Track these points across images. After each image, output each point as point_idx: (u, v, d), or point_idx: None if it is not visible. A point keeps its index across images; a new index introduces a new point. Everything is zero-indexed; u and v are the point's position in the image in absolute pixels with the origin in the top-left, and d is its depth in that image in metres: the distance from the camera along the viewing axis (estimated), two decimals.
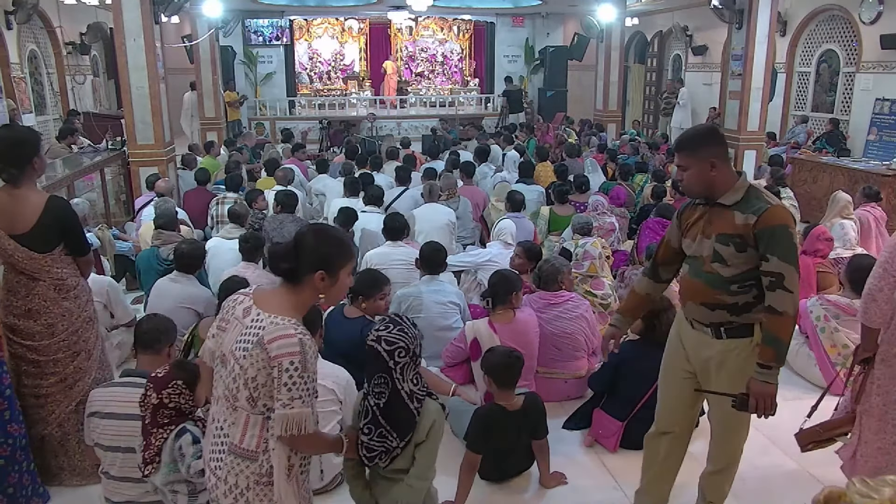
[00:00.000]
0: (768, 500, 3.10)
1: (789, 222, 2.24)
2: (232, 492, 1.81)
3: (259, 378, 1.74)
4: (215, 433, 1.85)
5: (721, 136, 2.44)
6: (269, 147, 10.41)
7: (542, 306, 3.85)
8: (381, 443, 2.05)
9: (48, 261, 2.85)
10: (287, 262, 1.81)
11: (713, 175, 2.30)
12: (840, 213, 5.77)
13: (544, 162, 8.29)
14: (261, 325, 1.76)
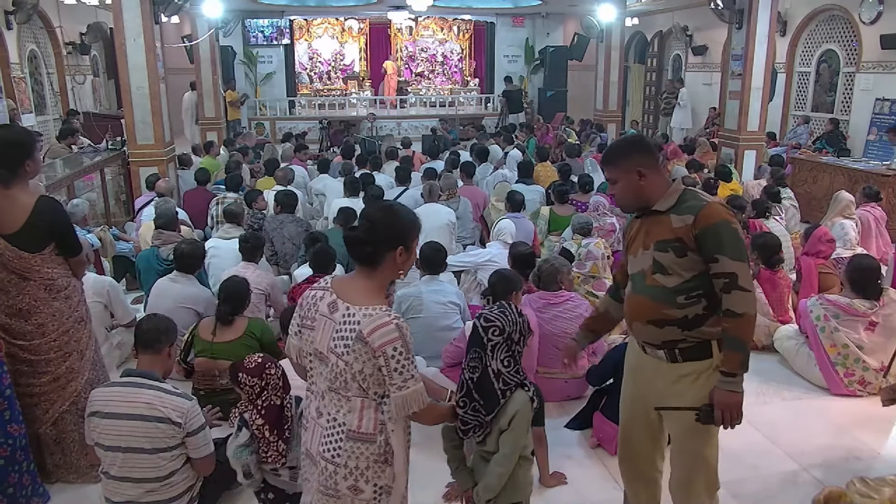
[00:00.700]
0: (768, 500, 3.10)
1: (729, 217, 2.12)
2: (352, 474, 1.89)
3: (366, 370, 1.82)
4: (326, 426, 1.92)
5: (647, 143, 2.34)
6: (270, 147, 10.41)
7: (542, 306, 3.86)
8: (474, 416, 2.14)
9: (38, 260, 2.84)
10: (370, 246, 1.87)
11: (642, 184, 2.21)
12: (841, 212, 5.77)
13: (544, 162, 8.29)
14: (355, 319, 1.82)
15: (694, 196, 2.18)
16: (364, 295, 1.87)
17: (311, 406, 1.99)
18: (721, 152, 8.93)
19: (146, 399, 2.57)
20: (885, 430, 3.80)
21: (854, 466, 3.34)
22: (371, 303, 1.85)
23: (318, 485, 1.94)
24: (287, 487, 2.47)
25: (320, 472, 1.93)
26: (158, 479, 2.60)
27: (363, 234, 1.87)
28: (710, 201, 2.16)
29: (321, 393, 1.93)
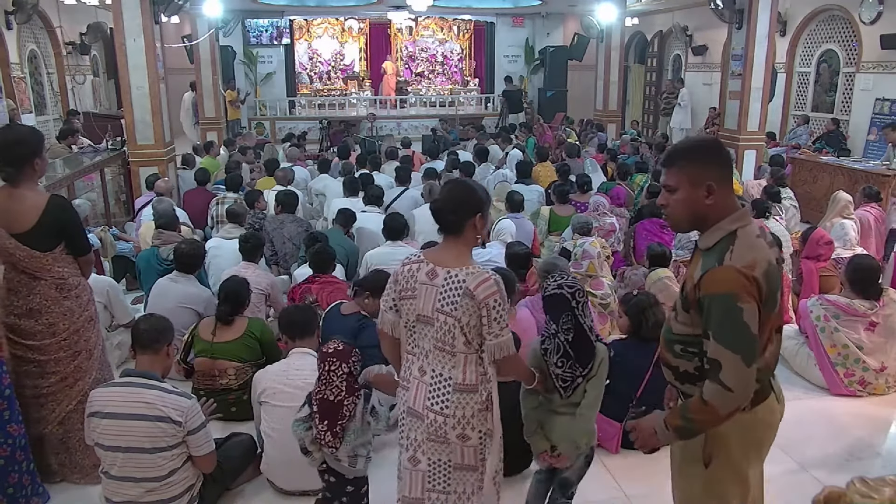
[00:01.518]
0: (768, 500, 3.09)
1: (735, 290, 1.69)
2: (460, 423, 2.12)
3: (472, 322, 2.07)
4: (432, 382, 2.14)
5: (727, 154, 1.89)
6: (270, 147, 10.41)
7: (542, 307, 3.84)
8: (571, 373, 2.36)
9: (49, 260, 2.85)
10: (455, 215, 2.12)
11: (708, 204, 1.81)
12: (840, 212, 5.77)
13: (544, 162, 8.29)
14: (459, 279, 2.07)
15: (729, 246, 1.76)
16: (457, 259, 2.12)
17: (412, 367, 2.20)
18: None
19: (146, 398, 2.58)
20: (885, 430, 3.80)
21: (854, 466, 3.34)
22: (466, 265, 2.11)
23: (426, 436, 2.15)
24: (345, 472, 2.50)
25: (427, 426, 2.14)
26: (158, 478, 2.61)
27: (448, 205, 2.14)
28: (725, 265, 1.73)
29: (425, 353, 2.15)
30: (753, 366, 1.72)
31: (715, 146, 1.89)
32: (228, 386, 3.59)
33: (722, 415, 1.75)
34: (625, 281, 4.89)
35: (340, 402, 2.37)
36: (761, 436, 1.96)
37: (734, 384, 1.70)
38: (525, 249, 4.35)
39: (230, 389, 3.59)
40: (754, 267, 1.72)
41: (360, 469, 2.49)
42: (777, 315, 1.86)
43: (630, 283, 4.74)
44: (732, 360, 1.70)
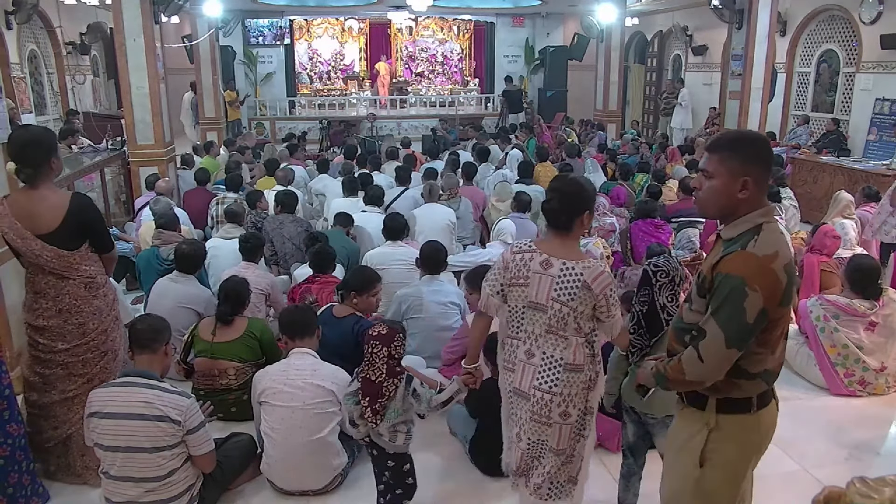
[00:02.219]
0: (768, 500, 3.09)
1: (749, 275, 1.72)
2: (564, 401, 2.30)
3: (586, 311, 2.26)
4: (541, 363, 2.31)
5: (771, 152, 1.89)
6: (270, 147, 10.41)
7: None
8: (639, 340, 2.55)
9: (77, 258, 2.86)
10: (567, 213, 2.29)
11: (740, 198, 1.82)
12: (841, 212, 5.77)
13: (544, 162, 8.29)
14: (576, 272, 2.25)
15: (754, 236, 1.79)
16: (570, 252, 2.29)
17: (517, 350, 2.37)
18: None
19: (145, 398, 2.58)
20: (885, 430, 3.80)
21: (854, 466, 3.34)
22: (579, 258, 2.29)
23: (531, 415, 2.33)
24: (386, 447, 2.61)
25: (533, 404, 2.32)
26: (158, 478, 2.61)
27: (557, 205, 2.29)
28: (750, 251, 1.76)
29: (534, 337, 2.32)
30: (733, 350, 1.75)
31: (762, 145, 1.88)
32: (228, 386, 3.59)
33: (685, 379, 1.82)
34: (625, 281, 4.89)
35: (381, 382, 2.52)
36: (761, 440, 1.95)
37: (707, 357, 1.76)
38: None
39: (230, 389, 3.59)
40: (775, 258, 1.75)
41: (399, 445, 2.61)
42: (787, 318, 1.88)
43: (630, 282, 4.74)
44: (717, 335, 1.74)
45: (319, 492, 3.05)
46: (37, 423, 3.03)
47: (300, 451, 2.94)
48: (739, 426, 1.87)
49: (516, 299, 2.33)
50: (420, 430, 3.64)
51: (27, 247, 2.79)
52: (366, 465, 3.28)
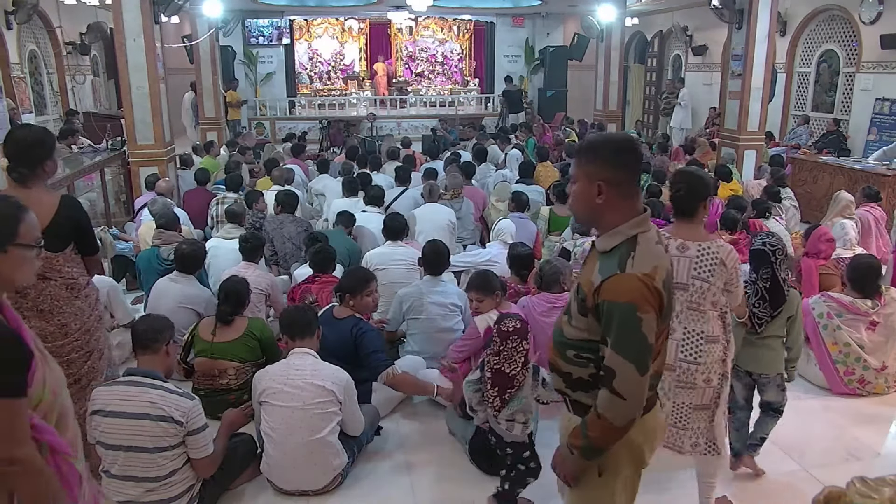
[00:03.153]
0: (768, 500, 3.10)
1: (637, 300, 1.65)
2: (707, 369, 2.60)
3: (720, 285, 2.56)
4: (683, 337, 2.59)
5: (630, 156, 1.78)
6: (270, 147, 10.40)
7: (546, 309, 3.82)
8: (764, 313, 2.94)
9: (60, 260, 2.85)
10: (692, 201, 2.57)
11: (598, 203, 1.76)
12: (841, 212, 5.77)
13: (544, 162, 8.28)
14: (712, 251, 2.54)
15: (630, 252, 1.71)
16: (700, 235, 2.58)
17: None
18: (722, 152, 8.93)
19: (150, 398, 2.58)
20: (885, 430, 3.80)
21: (854, 466, 3.34)
22: (709, 239, 2.58)
23: (676, 383, 2.62)
24: (503, 435, 2.75)
25: (678, 375, 2.62)
26: (159, 478, 2.61)
27: (685, 193, 2.57)
28: (630, 273, 1.68)
29: (676, 314, 2.55)
30: (647, 375, 1.70)
31: (616, 146, 1.78)
32: (228, 386, 3.59)
33: (617, 426, 1.72)
34: None
35: (514, 375, 2.67)
36: (650, 443, 1.92)
37: (627, 392, 1.68)
38: (527, 250, 4.35)
39: (230, 389, 3.59)
40: (655, 276, 1.69)
41: (515, 435, 2.74)
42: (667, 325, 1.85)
43: None
44: (627, 369, 1.67)
45: (319, 492, 3.05)
46: None
47: (300, 452, 2.94)
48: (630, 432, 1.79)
49: None
50: (421, 430, 3.65)
51: None
52: (366, 465, 3.29)
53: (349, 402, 3.05)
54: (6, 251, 1.57)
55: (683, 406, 2.65)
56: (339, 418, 3.00)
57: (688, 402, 2.63)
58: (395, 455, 3.41)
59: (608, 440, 1.76)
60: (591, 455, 1.81)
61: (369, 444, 3.39)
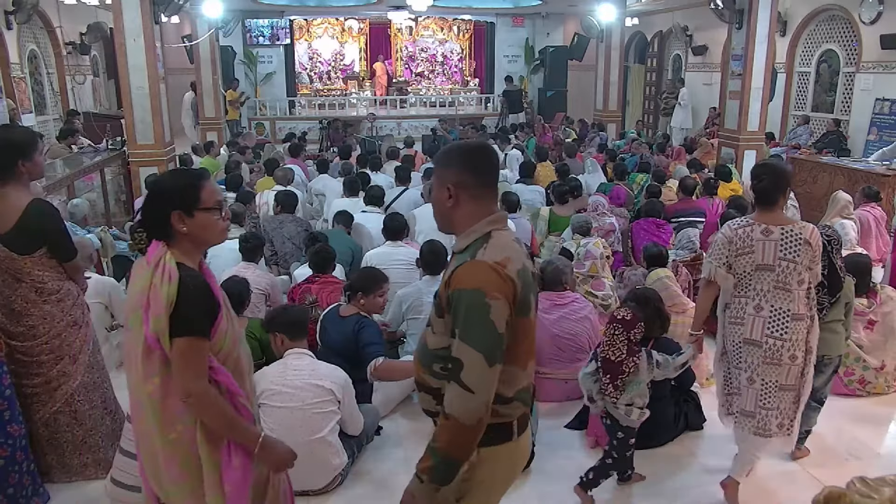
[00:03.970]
0: (768, 500, 3.10)
1: (485, 285, 1.57)
2: (793, 346, 2.76)
3: (806, 263, 2.73)
4: (770, 315, 2.76)
5: (479, 159, 1.76)
6: (270, 147, 10.40)
7: (548, 307, 3.84)
8: (824, 297, 3.09)
9: (28, 263, 2.83)
10: (776, 192, 2.78)
11: (449, 206, 1.73)
12: (840, 212, 5.78)
13: (544, 162, 8.29)
14: (795, 232, 2.73)
15: (483, 244, 1.66)
16: (780, 219, 2.78)
17: (746, 307, 2.81)
18: (721, 152, 8.93)
19: None
20: (885, 430, 3.81)
21: (854, 466, 3.34)
22: (790, 222, 2.77)
23: (762, 360, 2.78)
24: (620, 419, 2.93)
25: (765, 351, 2.77)
26: None
27: (768, 184, 2.78)
28: (479, 260, 1.61)
29: (763, 293, 2.77)
30: (497, 367, 1.59)
31: (465, 151, 1.78)
32: None
33: (467, 425, 1.57)
34: (624, 281, 4.89)
35: (620, 361, 2.86)
36: (517, 467, 1.83)
37: (475, 384, 1.56)
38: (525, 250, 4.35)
39: None
40: (507, 264, 1.61)
41: (632, 420, 2.91)
42: (532, 330, 1.73)
43: (630, 283, 4.74)
44: (475, 358, 1.55)
45: (319, 492, 3.04)
46: None
47: (300, 451, 2.91)
48: (502, 455, 1.71)
49: (744, 266, 2.78)
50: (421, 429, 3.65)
51: None
52: (366, 465, 3.29)
53: (348, 400, 3.05)
54: (193, 216, 1.83)
55: (769, 385, 2.79)
56: (339, 417, 3.00)
57: (773, 380, 2.78)
58: (395, 455, 3.41)
59: (459, 447, 1.61)
60: (444, 474, 1.63)
61: (369, 443, 3.40)
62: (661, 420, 3.42)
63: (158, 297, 1.73)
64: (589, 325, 3.89)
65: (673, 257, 5.03)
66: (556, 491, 3.14)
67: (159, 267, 1.76)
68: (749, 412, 2.85)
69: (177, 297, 1.73)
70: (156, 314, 1.73)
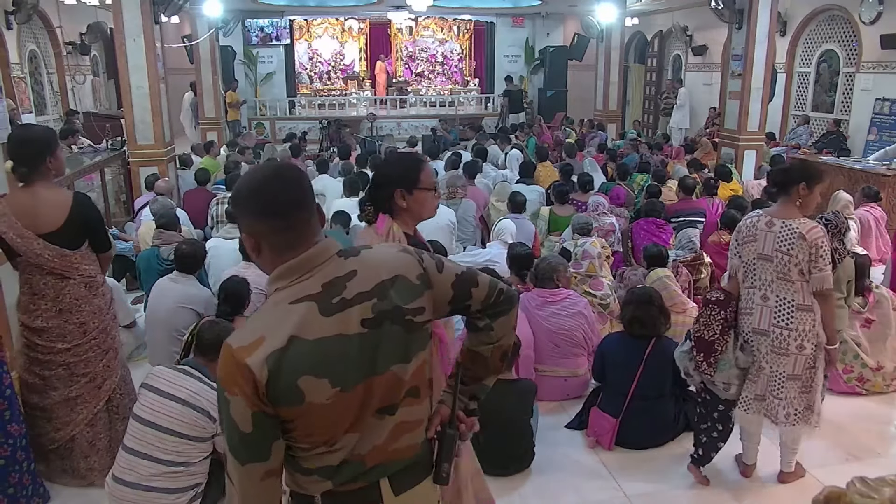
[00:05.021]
0: (768, 500, 3.10)
1: (222, 375, 1.30)
2: (800, 336, 2.82)
3: (802, 258, 2.77)
4: (776, 305, 2.84)
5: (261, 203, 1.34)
6: (270, 147, 10.40)
7: (539, 304, 3.87)
8: None
9: (78, 258, 2.86)
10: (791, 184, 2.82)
11: (263, 264, 1.41)
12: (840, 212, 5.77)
13: (544, 162, 8.29)
14: (793, 227, 2.78)
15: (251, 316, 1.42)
16: (788, 213, 2.83)
17: (753, 297, 2.90)
18: (721, 152, 8.93)
19: (192, 387, 2.66)
20: (885, 430, 3.81)
21: (854, 466, 3.34)
22: (795, 217, 2.81)
23: (771, 349, 2.87)
24: (719, 394, 3.05)
25: (773, 339, 2.86)
26: (175, 463, 2.63)
27: (784, 177, 2.86)
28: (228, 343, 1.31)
29: (768, 283, 2.86)
30: (252, 465, 1.31)
31: (251, 194, 1.35)
32: None
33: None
34: (624, 281, 4.89)
35: (713, 340, 2.96)
36: None
37: (236, 483, 1.33)
38: (527, 250, 4.36)
39: None
40: (255, 348, 1.27)
41: (731, 394, 3.02)
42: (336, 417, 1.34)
43: (630, 283, 4.74)
44: (229, 454, 1.32)
45: None
46: (38, 426, 3.02)
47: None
48: None
49: (749, 253, 2.90)
50: None
51: (27, 246, 2.78)
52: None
53: None
54: (412, 194, 2.10)
55: (778, 374, 2.87)
56: None
57: (781, 370, 2.86)
58: None
59: None
60: None
61: None
62: (661, 420, 3.43)
63: None
64: (584, 321, 3.91)
65: (673, 257, 5.03)
66: (556, 490, 3.14)
67: (390, 235, 2.07)
68: (760, 395, 2.95)
69: None
70: None
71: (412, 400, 1.44)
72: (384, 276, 1.38)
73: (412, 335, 1.41)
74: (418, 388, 1.45)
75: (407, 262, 1.43)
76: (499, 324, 1.56)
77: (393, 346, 1.38)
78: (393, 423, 1.42)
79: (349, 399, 1.34)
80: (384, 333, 1.36)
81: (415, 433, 1.47)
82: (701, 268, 4.95)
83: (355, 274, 1.36)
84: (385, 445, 1.41)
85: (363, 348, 1.34)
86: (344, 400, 1.33)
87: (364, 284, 1.36)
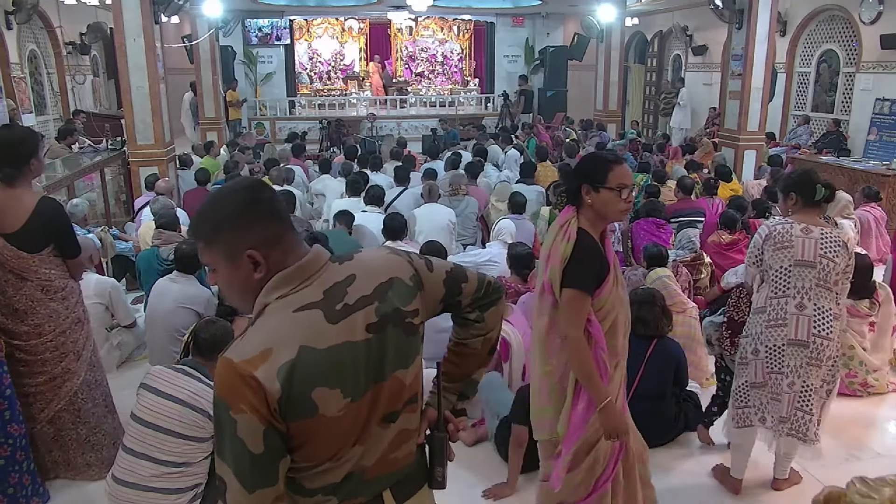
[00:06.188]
0: (768, 500, 3.10)
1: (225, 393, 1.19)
2: (833, 345, 2.77)
3: (842, 266, 2.76)
4: (814, 314, 2.75)
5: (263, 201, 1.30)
6: (270, 147, 10.40)
7: None
8: None
9: (36, 261, 2.84)
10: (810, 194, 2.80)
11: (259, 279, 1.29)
12: (840, 212, 5.78)
13: (544, 162, 8.28)
14: (834, 234, 2.76)
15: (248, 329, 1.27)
16: (820, 222, 2.82)
17: (786, 306, 2.78)
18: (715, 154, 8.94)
19: (191, 387, 2.64)
20: (885, 430, 3.81)
21: (854, 466, 3.34)
22: (828, 226, 2.83)
23: (808, 360, 2.76)
24: (732, 368, 3.14)
25: (812, 350, 2.75)
26: (176, 463, 2.63)
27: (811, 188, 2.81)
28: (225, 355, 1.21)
29: (805, 291, 2.76)
30: (261, 491, 1.22)
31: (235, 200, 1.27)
32: None
33: None
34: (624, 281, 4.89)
35: (743, 322, 3.05)
36: None
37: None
38: (527, 250, 4.36)
39: None
40: (263, 361, 1.19)
41: (748, 373, 2.96)
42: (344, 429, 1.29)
43: (630, 283, 4.74)
44: (233, 481, 1.22)
45: None
46: None
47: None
48: None
49: (782, 260, 2.78)
50: None
51: None
52: None
53: None
54: (598, 192, 2.14)
55: (809, 388, 2.78)
56: None
57: (812, 382, 2.78)
58: None
59: None
60: None
61: None
62: (661, 420, 3.43)
63: (557, 251, 2.13)
64: None
65: (673, 257, 5.03)
66: None
67: (563, 228, 2.16)
68: (784, 417, 2.81)
69: (571, 254, 2.11)
70: (553, 265, 2.14)
71: (412, 407, 1.42)
72: (382, 279, 1.35)
73: (410, 338, 1.38)
74: (417, 395, 1.43)
75: (399, 264, 1.41)
76: (489, 314, 1.58)
77: (395, 350, 1.35)
78: (394, 432, 1.38)
79: (358, 408, 1.30)
80: (388, 337, 1.33)
81: (411, 442, 1.45)
82: (701, 268, 4.95)
83: (354, 278, 1.32)
84: (386, 455, 1.38)
85: (370, 354, 1.30)
86: (353, 410, 1.29)
87: (364, 288, 1.32)
